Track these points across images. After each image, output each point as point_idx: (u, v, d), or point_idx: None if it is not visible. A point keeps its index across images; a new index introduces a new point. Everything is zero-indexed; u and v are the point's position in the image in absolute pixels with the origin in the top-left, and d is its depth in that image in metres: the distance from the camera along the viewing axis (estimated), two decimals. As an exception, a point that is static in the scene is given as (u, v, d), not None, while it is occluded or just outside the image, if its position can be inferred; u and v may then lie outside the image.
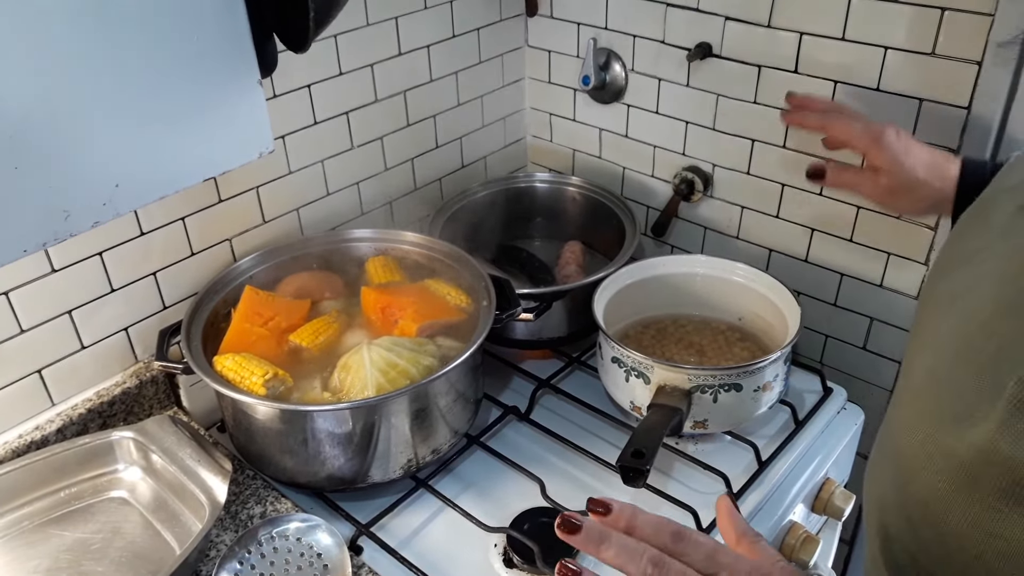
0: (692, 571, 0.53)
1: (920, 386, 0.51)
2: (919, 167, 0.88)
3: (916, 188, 0.88)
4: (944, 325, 0.52)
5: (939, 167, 0.88)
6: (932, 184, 0.88)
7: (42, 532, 0.89)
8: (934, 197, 0.88)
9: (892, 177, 0.89)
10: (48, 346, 0.95)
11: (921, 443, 0.48)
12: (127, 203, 0.59)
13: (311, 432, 0.89)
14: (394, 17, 1.16)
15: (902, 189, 0.89)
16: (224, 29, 0.60)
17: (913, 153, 0.89)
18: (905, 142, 0.90)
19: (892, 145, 0.90)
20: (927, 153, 0.89)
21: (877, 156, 0.91)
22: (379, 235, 1.13)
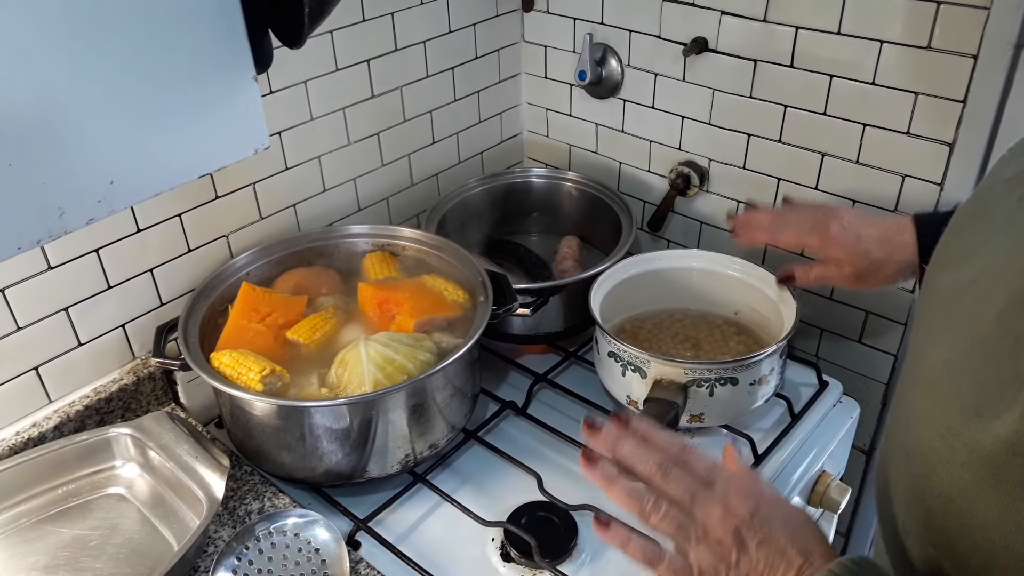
0: (691, 477, 0.62)
1: (936, 378, 0.50)
2: (874, 249, 0.92)
3: (879, 267, 0.92)
4: (954, 317, 0.52)
5: (893, 241, 0.91)
6: (893, 259, 0.91)
7: (40, 529, 0.89)
8: (900, 268, 0.92)
9: (853, 265, 0.93)
10: (45, 343, 0.95)
11: (942, 436, 0.48)
12: (122, 200, 0.59)
13: (308, 428, 0.90)
14: (390, 13, 1.16)
15: (867, 272, 0.93)
16: (219, 25, 0.60)
17: (864, 237, 0.93)
18: (853, 230, 0.93)
19: (840, 238, 0.94)
20: (878, 231, 0.93)
21: (832, 250, 0.95)
22: (376, 231, 1.13)
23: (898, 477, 0.56)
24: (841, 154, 1.12)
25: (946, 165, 1.04)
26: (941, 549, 0.51)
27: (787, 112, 1.15)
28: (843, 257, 0.94)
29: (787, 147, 1.17)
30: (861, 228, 0.93)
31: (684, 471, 0.62)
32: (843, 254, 0.94)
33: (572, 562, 0.89)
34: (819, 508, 1.11)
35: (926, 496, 0.50)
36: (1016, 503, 0.44)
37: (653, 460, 0.63)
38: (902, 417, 0.56)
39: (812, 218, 0.98)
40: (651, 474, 0.63)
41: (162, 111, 0.59)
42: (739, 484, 0.61)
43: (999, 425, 0.44)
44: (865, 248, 0.92)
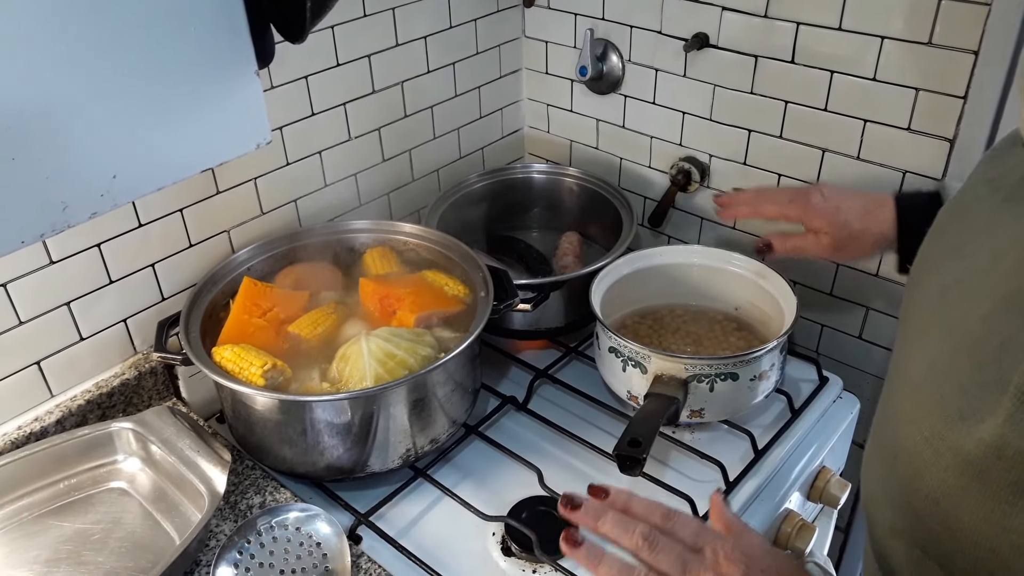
0: (679, 545, 0.61)
1: (920, 380, 0.50)
2: (853, 220, 0.93)
3: (857, 238, 0.93)
4: (939, 319, 0.51)
5: (873, 214, 0.92)
6: (871, 231, 0.92)
7: (42, 523, 0.90)
8: (877, 241, 0.92)
9: (832, 235, 0.94)
10: (47, 338, 0.95)
11: (926, 439, 0.48)
12: (125, 194, 0.60)
13: (310, 422, 0.90)
14: (391, 8, 1.16)
15: (845, 242, 0.94)
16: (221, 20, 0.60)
17: (844, 208, 0.94)
18: (834, 200, 0.95)
19: (821, 207, 0.95)
20: (858, 202, 0.94)
21: (812, 221, 0.96)
22: (377, 226, 1.13)
23: (884, 478, 0.56)
24: (842, 150, 1.12)
25: (947, 161, 1.04)
26: (927, 550, 0.51)
27: (788, 108, 1.15)
28: (822, 227, 0.95)
29: (788, 143, 1.17)
30: (841, 200, 0.95)
31: (671, 540, 0.61)
32: (822, 223, 0.94)
33: (572, 556, 0.89)
34: (819, 503, 1.11)
35: (912, 498, 0.50)
36: (1001, 506, 0.44)
37: (638, 532, 0.62)
38: (888, 419, 0.56)
39: (793, 191, 1.00)
40: (638, 547, 0.62)
41: (164, 106, 0.59)
42: (728, 549, 0.60)
43: (983, 429, 0.44)
44: (844, 219, 0.93)
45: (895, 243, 0.92)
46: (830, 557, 1.15)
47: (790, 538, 1.03)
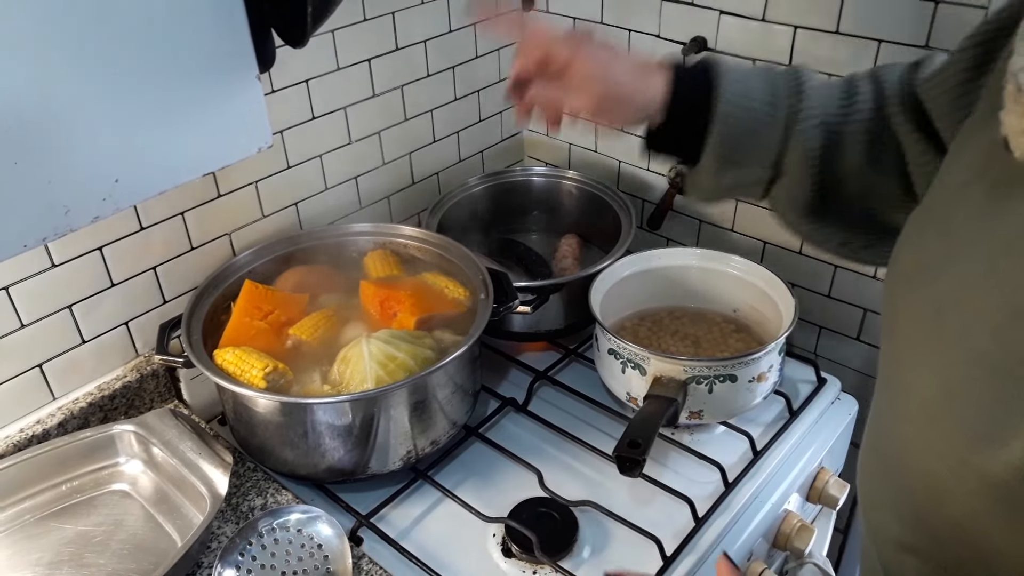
0: None
1: (933, 401, 0.48)
2: (622, 75, 0.80)
3: (624, 100, 0.80)
4: (941, 336, 0.49)
5: (644, 76, 0.80)
6: (641, 93, 0.79)
7: (44, 525, 0.90)
8: (644, 106, 0.80)
9: (599, 91, 0.79)
10: (49, 340, 0.96)
11: (947, 464, 0.46)
12: (127, 198, 0.60)
13: (311, 424, 0.90)
14: (391, 12, 1.17)
15: (611, 103, 0.80)
16: (223, 24, 0.60)
17: (616, 60, 0.81)
18: (607, 50, 0.82)
19: (591, 54, 0.81)
20: (631, 62, 0.81)
21: (579, 67, 0.80)
22: (377, 229, 1.14)
23: (891, 495, 0.55)
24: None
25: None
26: (952, 572, 0.49)
27: (786, 111, 1.15)
28: (589, 77, 0.79)
29: (786, 145, 1.17)
30: (613, 53, 0.82)
31: None
32: (590, 71, 0.80)
33: (572, 558, 0.90)
34: (818, 504, 1.11)
35: (933, 521, 0.49)
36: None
37: None
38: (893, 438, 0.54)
39: (567, 33, 0.84)
40: None
41: (166, 110, 0.60)
42: None
43: (1009, 452, 0.42)
44: (614, 73, 0.80)
45: (659, 112, 0.79)
46: (829, 558, 1.15)
47: (789, 539, 1.03)
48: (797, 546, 1.03)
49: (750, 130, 0.77)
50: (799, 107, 0.76)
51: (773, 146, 0.77)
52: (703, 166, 0.79)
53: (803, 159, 0.76)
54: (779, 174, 0.78)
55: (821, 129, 0.76)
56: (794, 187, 0.78)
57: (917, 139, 0.72)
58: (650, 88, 0.79)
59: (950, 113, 0.66)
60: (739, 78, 0.77)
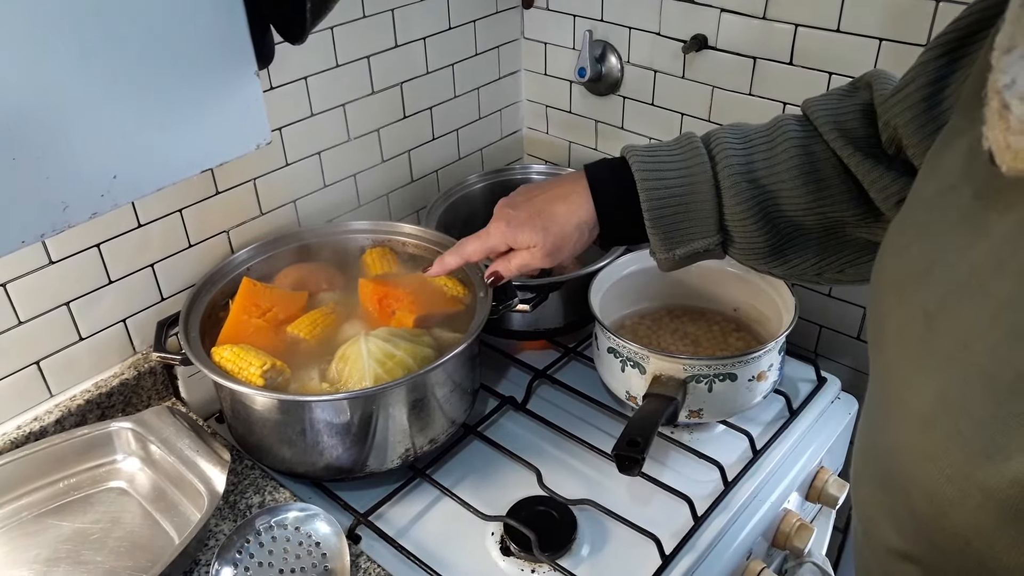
0: None
1: (929, 413, 0.47)
2: (547, 219, 0.84)
3: (563, 236, 0.84)
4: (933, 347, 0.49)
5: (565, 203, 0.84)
6: (572, 223, 0.83)
7: (41, 522, 0.90)
8: (581, 229, 0.83)
9: (540, 245, 0.84)
10: (46, 338, 0.95)
11: (949, 478, 0.45)
12: (125, 194, 0.60)
13: (309, 422, 0.90)
14: (390, 9, 1.16)
15: (556, 246, 0.84)
16: (221, 20, 0.60)
17: (536, 213, 0.85)
18: (523, 210, 0.86)
19: (517, 223, 0.86)
20: (545, 200, 0.85)
21: (517, 239, 0.86)
22: (376, 227, 1.14)
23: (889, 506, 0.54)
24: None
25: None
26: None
27: (786, 109, 1.15)
28: (528, 242, 0.84)
29: (786, 144, 1.17)
30: (528, 208, 0.85)
31: None
32: (526, 239, 0.84)
33: (571, 556, 0.90)
34: (817, 503, 1.11)
35: (936, 536, 0.48)
36: None
37: None
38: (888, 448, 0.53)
39: (488, 230, 0.89)
40: None
41: (164, 106, 0.59)
42: None
43: (1012, 467, 0.42)
44: (542, 223, 0.83)
45: (597, 225, 0.83)
46: (828, 557, 1.15)
47: (788, 538, 1.03)
48: (796, 545, 1.02)
49: (679, 210, 0.79)
50: (720, 170, 0.78)
51: (710, 215, 0.79)
52: (654, 248, 0.82)
53: (743, 217, 0.78)
54: (727, 236, 0.81)
55: (749, 183, 0.77)
56: (746, 242, 0.80)
57: (871, 164, 0.73)
58: (578, 212, 0.83)
59: (919, 128, 0.66)
60: (652, 166, 0.79)
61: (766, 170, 0.77)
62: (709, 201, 0.78)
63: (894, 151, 0.72)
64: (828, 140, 0.75)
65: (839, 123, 0.75)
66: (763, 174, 0.77)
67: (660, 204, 0.78)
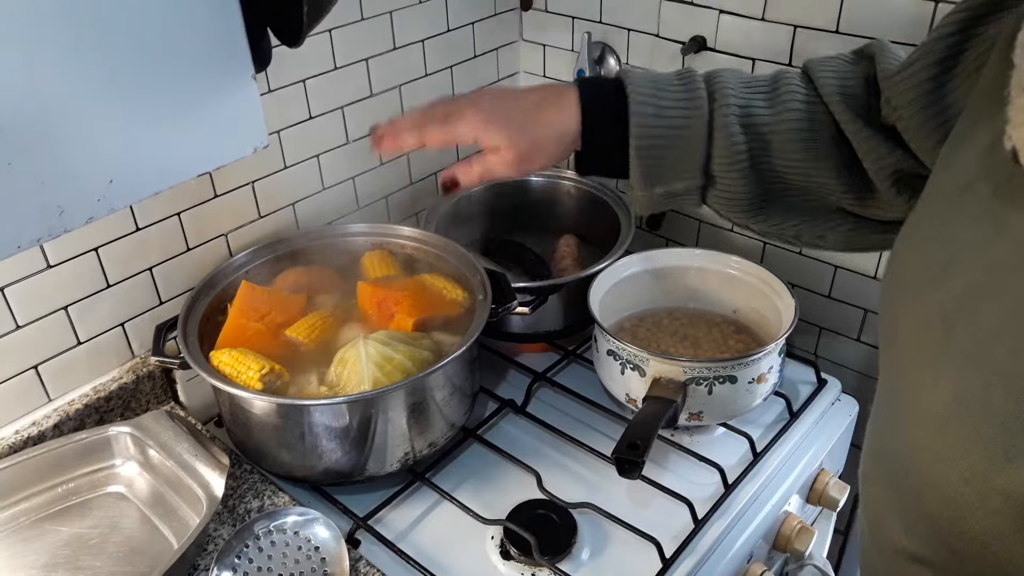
0: None
1: (946, 414, 0.47)
2: (529, 123, 0.79)
3: (540, 143, 0.79)
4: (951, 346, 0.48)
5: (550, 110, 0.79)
6: (553, 129, 0.78)
7: (39, 528, 0.90)
8: (561, 140, 0.78)
9: (513, 148, 0.78)
10: (44, 342, 0.95)
11: (967, 481, 0.45)
12: (122, 198, 0.59)
13: (308, 426, 0.90)
14: (388, 11, 1.16)
15: (529, 152, 0.79)
16: (218, 23, 0.60)
17: (516, 113, 0.79)
18: (502, 104, 0.80)
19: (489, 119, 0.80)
20: (531, 102, 0.80)
21: (486, 137, 0.79)
22: (375, 230, 1.13)
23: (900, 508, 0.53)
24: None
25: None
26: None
27: (785, 110, 1.14)
28: (500, 141, 0.78)
29: (785, 145, 1.17)
30: (511, 102, 0.80)
31: None
32: (499, 136, 0.78)
33: (571, 560, 0.89)
34: (818, 506, 1.11)
35: (952, 540, 0.48)
36: None
37: None
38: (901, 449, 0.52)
39: (453, 106, 0.81)
40: None
41: (161, 109, 0.59)
42: None
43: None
44: (519, 124, 0.78)
45: (578, 139, 0.79)
46: (829, 559, 1.15)
47: (789, 541, 1.03)
48: (797, 548, 1.02)
49: (669, 143, 0.76)
50: (717, 110, 0.75)
51: (697, 154, 0.76)
52: (632, 182, 0.78)
53: (730, 162, 0.75)
54: (710, 180, 0.78)
55: (744, 128, 0.75)
56: (728, 190, 0.77)
57: (869, 134, 0.71)
58: (563, 119, 0.77)
59: (923, 108, 0.65)
60: (650, 92, 0.76)
61: (764, 119, 0.75)
62: (700, 140, 0.75)
63: (892, 126, 0.71)
64: (829, 104, 0.74)
65: (843, 89, 0.73)
66: (760, 122, 0.75)
67: (650, 135, 0.75)
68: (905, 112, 0.67)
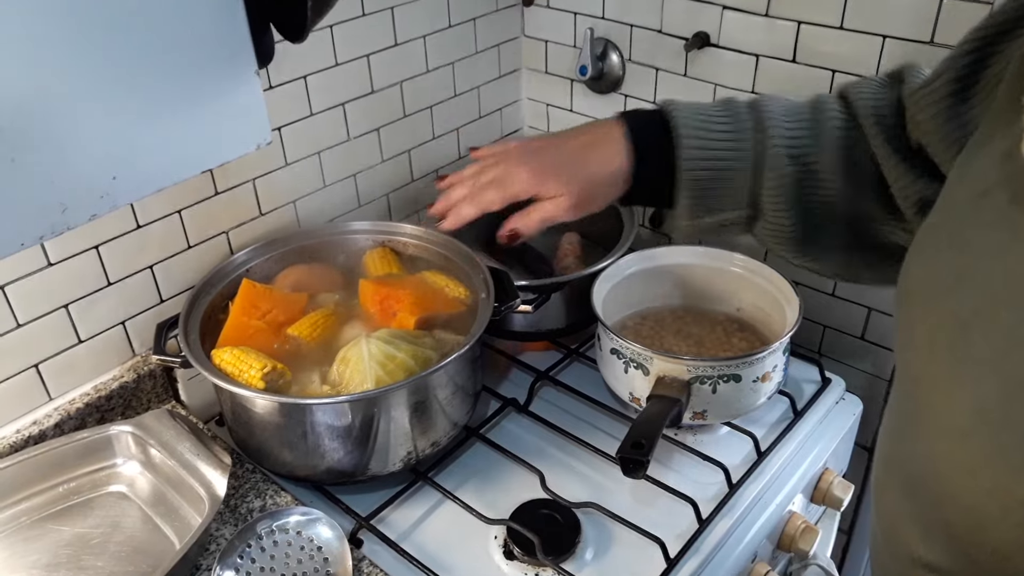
0: None
1: (967, 426, 0.46)
2: (579, 167, 0.80)
3: (594, 186, 0.80)
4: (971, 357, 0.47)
5: (599, 151, 0.79)
6: (605, 171, 0.79)
7: (41, 527, 0.89)
8: (615, 180, 0.79)
9: (567, 193, 0.80)
10: (45, 340, 0.95)
11: (989, 492, 0.45)
12: (125, 196, 0.59)
13: (310, 425, 0.89)
14: (390, 7, 1.16)
15: (585, 196, 0.80)
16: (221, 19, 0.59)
17: (566, 159, 0.81)
18: (550, 155, 0.82)
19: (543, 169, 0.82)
20: (577, 146, 0.81)
21: (544, 188, 0.80)
22: (376, 227, 1.13)
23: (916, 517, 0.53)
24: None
25: (949, 161, 1.04)
26: None
27: (790, 108, 1.14)
28: (557, 190, 0.79)
29: (789, 143, 1.16)
30: (557, 150, 0.80)
31: None
32: (555, 187, 0.79)
33: (575, 560, 0.89)
34: (822, 505, 1.11)
35: (972, 550, 0.47)
36: None
37: None
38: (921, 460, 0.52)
39: (504, 168, 0.82)
40: None
41: (164, 106, 0.59)
42: None
43: None
44: (572, 171, 0.79)
45: (630, 178, 0.79)
46: (833, 559, 1.15)
47: (793, 540, 1.02)
48: (802, 548, 1.02)
49: (718, 175, 0.76)
50: (764, 141, 0.75)
51: (745, 185, 0.76)
52: (678, 213, 0.78)
53: (778, 192, 0.75)
54: (758, 211, 0.78)
55: (791, 159, 0.75)
56: (776, 221, 0.77)
57: (897, 160, 0.72)
58: (613, 159, 0.78)
59: (944, 123, 0.65)
60: (697, 124, 0.76)
61: (808, 147, 0.75)
62: (747, 171, 0.75)
63: (917, 147, 0.71)
64: (865, 128, 0.74)
65: (877, 111, 0.74)
66: (805, 151, 0.75)
67: (699, 167, 0.75)
68: (927, 127, 0.67)
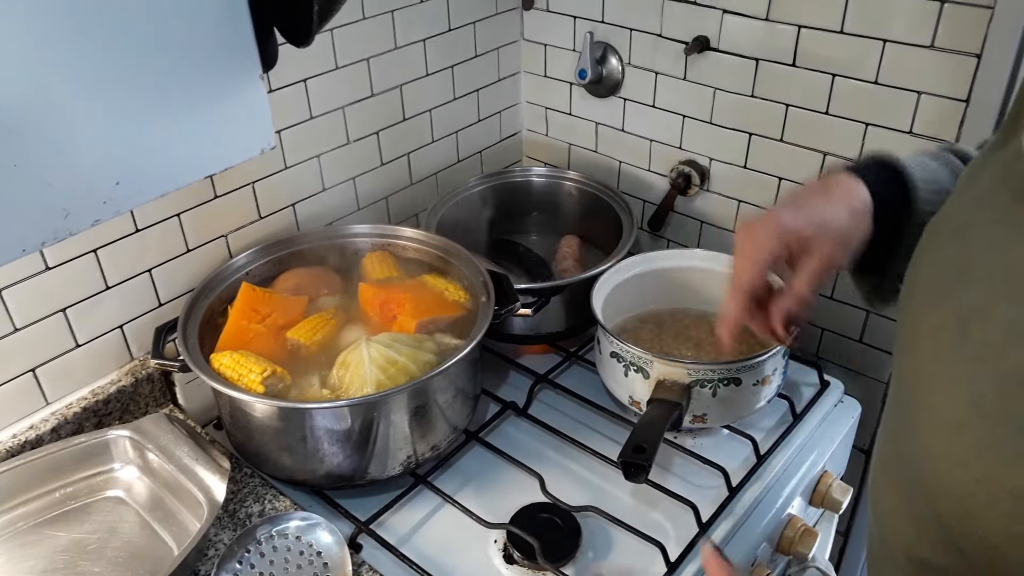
0: None
1: (962, 419, 0.47)
2: (839, 220, 0.75)
3: (845, 237, 0.76)
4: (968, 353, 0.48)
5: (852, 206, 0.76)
6: (857, 224, 0.76)
7: (38, 533, 0.88)
8: (860, 227, 0.76)
9: (831, 251, 0.76)
10: (42, 344, 0.94)
11: (979, 482, 0.45)
12: (128, 201, 0.59)
13: (310, 430, 0.89)
14: (390, 11, 1.15)
15: (839, 248, 0.76)
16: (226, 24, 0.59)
17: (823, 216, 0.75)
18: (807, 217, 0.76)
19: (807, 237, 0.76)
20: (831, 205, 0.76)
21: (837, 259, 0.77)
22: (376, 230, 1.13)
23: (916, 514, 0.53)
24: (843, 154, 1.12)
25: (948, 165, 1.04)
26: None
27: (789, 111, 1.14)
28: (823, 251, 0.75)
29: (789, 146, 1.16)
30: (812, 210, 0.76)
31: None
32: (824, 243, 0.75)
33: (575, 564, 0.89)
34: (820, 508, 1.11)
35: (963, 542, 0.48)
36: None
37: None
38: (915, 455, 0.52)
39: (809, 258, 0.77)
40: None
41: (168, 111, 0.58)
42: None
43: None
44: (829, 232, 0.75)
45: (871, 219, 0.75)
46: (830, 561, 1.15)
47: (793, 543, 1.02)
48: (801, 551, 1.02)
49: None
50: None
51: None
52: (894, 272, 0.75)
53: None
54: None
55: None
56: None
57: None
58: (863, 221, 0.74)
59: None
60: (923, 172, 0.72)
61: None
62: None
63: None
64: None
65: None
66: None
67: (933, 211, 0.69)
68: None
